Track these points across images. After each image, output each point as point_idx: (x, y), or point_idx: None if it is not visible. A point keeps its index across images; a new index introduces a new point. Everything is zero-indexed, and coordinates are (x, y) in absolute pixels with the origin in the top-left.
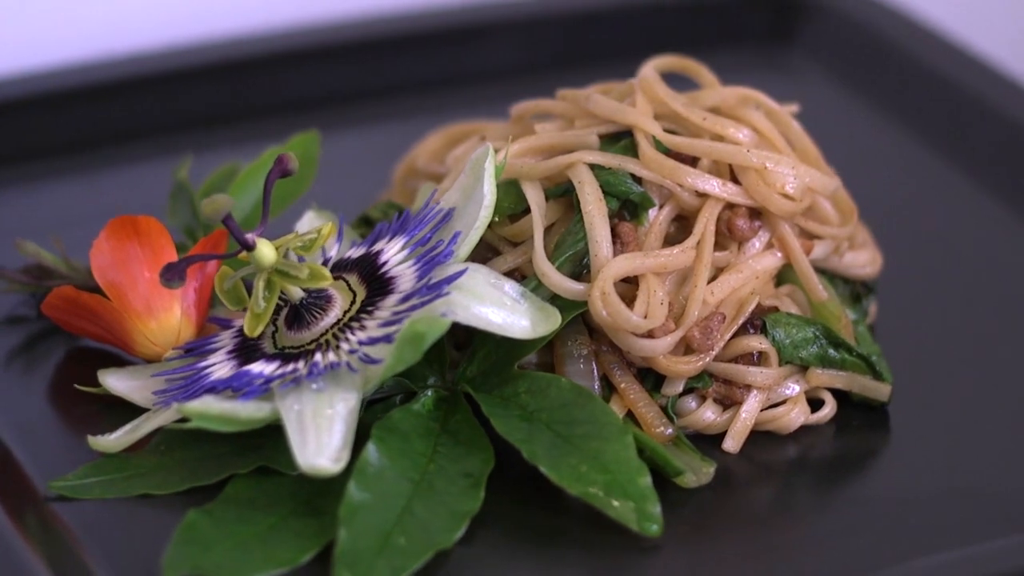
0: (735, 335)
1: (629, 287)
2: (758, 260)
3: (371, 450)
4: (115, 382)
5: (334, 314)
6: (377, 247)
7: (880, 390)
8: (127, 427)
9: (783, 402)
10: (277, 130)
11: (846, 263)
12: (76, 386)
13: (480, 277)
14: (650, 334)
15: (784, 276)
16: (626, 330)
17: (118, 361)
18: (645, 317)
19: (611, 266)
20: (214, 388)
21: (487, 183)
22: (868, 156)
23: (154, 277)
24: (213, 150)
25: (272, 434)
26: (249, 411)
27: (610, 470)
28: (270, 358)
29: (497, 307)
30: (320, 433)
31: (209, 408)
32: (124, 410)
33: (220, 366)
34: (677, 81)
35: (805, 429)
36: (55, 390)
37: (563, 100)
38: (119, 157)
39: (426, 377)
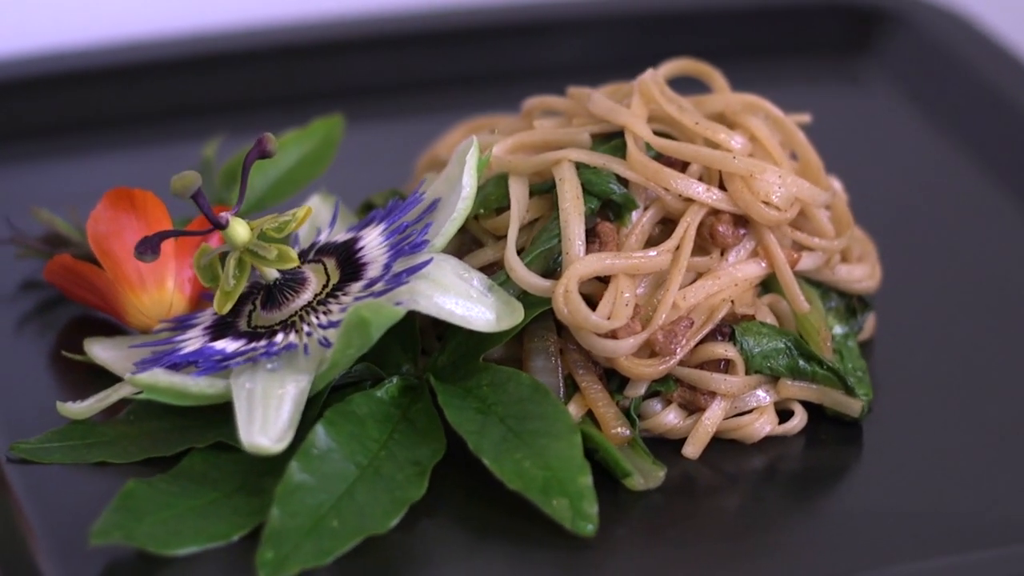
0: (703, 341)
1: (605, 287)
2: (739, 268)
3: (319, 432)
4: (100, 351)
5: (305, 296)
6: (361, 233)
7: (851, 406)
8: (98, 396)
9: (751, 411)
10: (311, 117)
11: (841, 276)
12: (63, 352)
13: (448, 268)
14: (613, 335)
15: (771, 285)
16: (587, 329)
17: (117, 331)
18: (609, 318)
19: (579, 264)
20: (177, 363)
21: (467, 175)
22: (922, 172)
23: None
24: (246, 133)
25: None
26: (201, 387)
27: (552, 467)
28: (238, 336)
29: (463, 299)
30: (267, 412)
31: (158, 380)
32: (111, 379)
33: (193, 341)
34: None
35: (774, 440)
36: (53, 356)
37: (571, 98)
38: (153, 136)
39: (399, 364)
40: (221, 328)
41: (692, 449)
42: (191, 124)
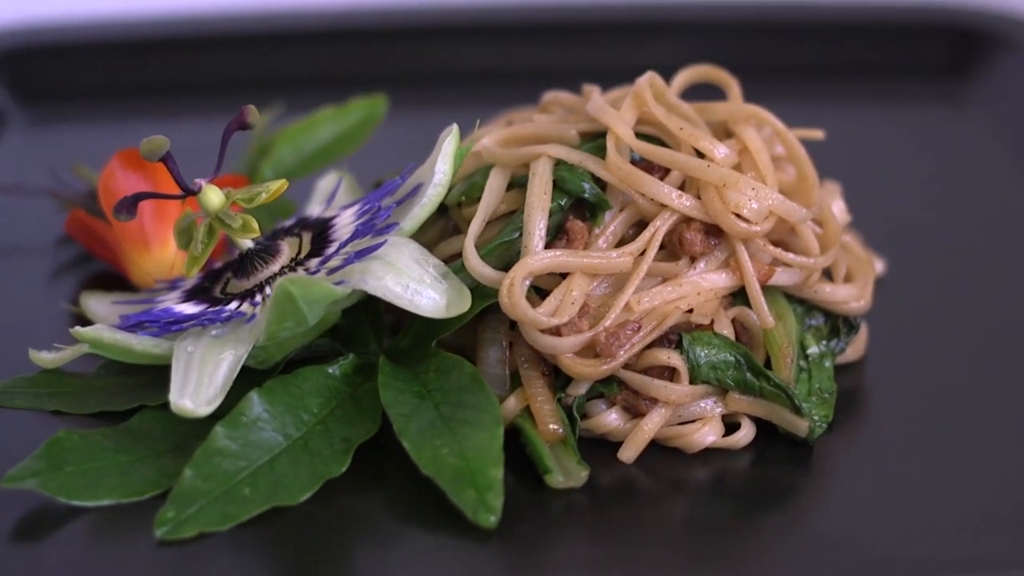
0: (651, 346)
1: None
2: (705, 277)
3: (253, 400)
4: (94, 305)
5: (273, 268)
6: (340, 212)
7: (798, 425)
8: (70, 348)
9: (696, 420)
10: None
11: (824, 295)
12: (62, 304)
13: (405, 252)
14: (558, 332)
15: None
16: (527, 323)
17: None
18: (554, 314)
19: (530, 259)
20: (142, 322)
21: (441, 161)
22: (1005, 198)
23: (153, 210)
24: (301, 109)
25: None
26: (145, 346)
27: (467, 457)
28: (204, 301)
29: (415, 283)
30: (201, 377)
31: (102, 336)
32: None
33: (167, 302)
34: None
35: (721, 454)
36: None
37: (584, 96)
38: (211, 105)
39: (367, 344)
40: (196, 292)
41: (628, 453)
42: (251, 95)
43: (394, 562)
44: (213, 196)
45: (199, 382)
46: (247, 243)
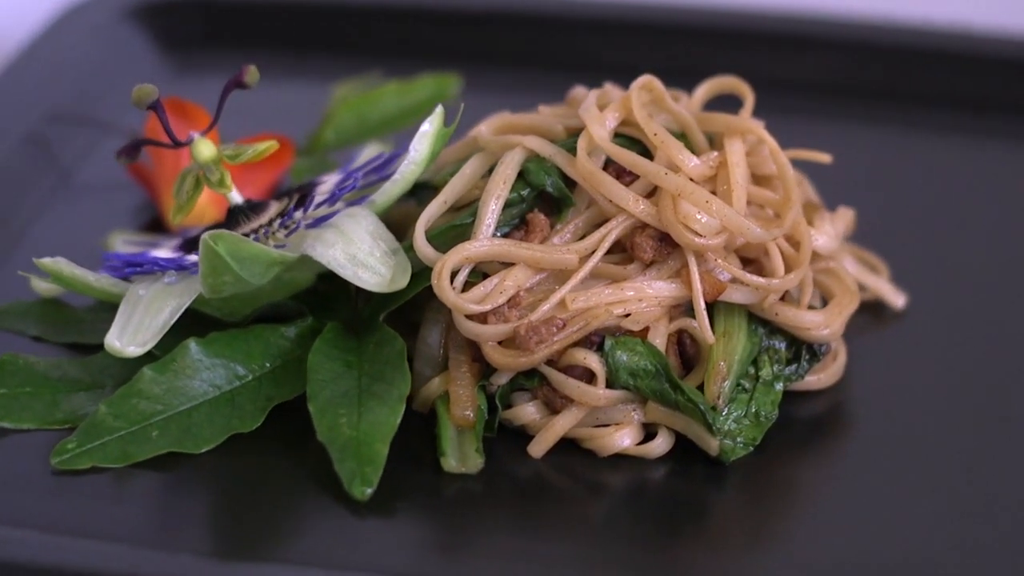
0: (575, 345)
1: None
2: (651, 284)
3: (190, 348)
4: (120, 244)
5: (253, 224)
6: (326, 178)
7: (709, 443)
8: None
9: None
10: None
11: (787, 318)
12: (96, 242)
13: (362, 224)
14: (484, 319)
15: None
16: (450, 306)
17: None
18: (482, 302)
19: (470, 244)
20: (109, 261)
21: (417, 140)
22: None
23: (188, 159)
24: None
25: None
26: (102, 284)
27: (360, 429)
28: (179, 249)
29: (364, 255)
30: (143, 320)
31: (62, 268)
32: None
33: (161, 249)
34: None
35: (639, 462)
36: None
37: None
38: (350, 67)
39: (339, 310)
40: (190, 243)
41: (536, 448)
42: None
43: (268, 526)
44: (204, 148)
45: (139, 325)
46: (236, 198)
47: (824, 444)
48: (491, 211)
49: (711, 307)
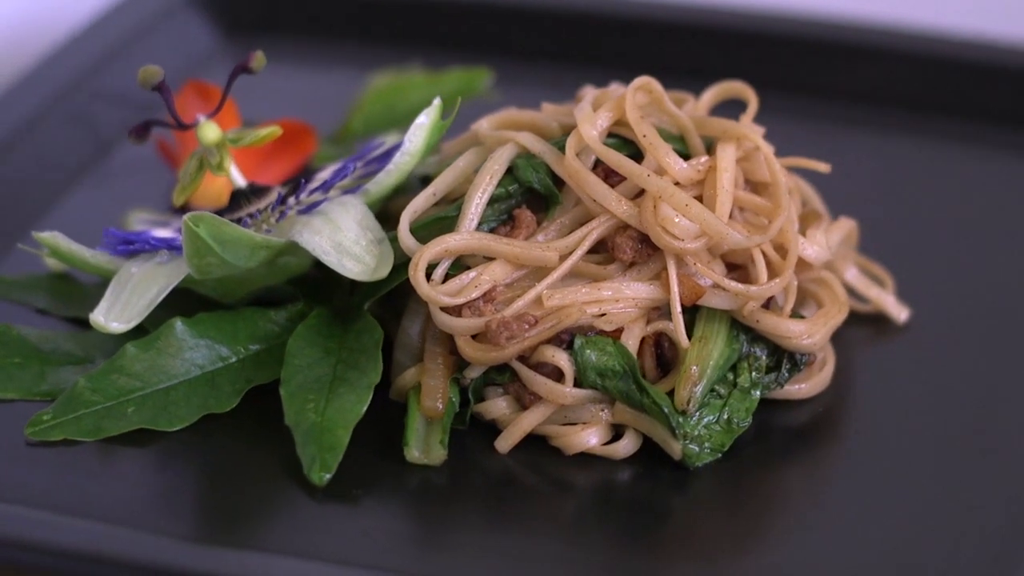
0: (547, 343)
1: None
2: (630, 285)
3: (176, 328)
4: (136, 222)
5: (250, 209)
6: (328, 166)
7: (672, 447)
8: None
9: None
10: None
11: (768, 326)
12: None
13: (351, 213)
14: (459, 312)
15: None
16: (424, 297)
17: None
18: (457, 295)
19: (450, 237)
20: (115, 240)
21: (411, 131)
22: None
23: None
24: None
25: None
26: (98, 260)
27: (325, 415)
28: (178, 229)
29: (351, 244)
30: (131, 298)
31: (59, 242)
32: None
33: (165, 228)
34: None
35: (607, 462)
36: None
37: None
38: (402, 55)
39: (332, 296)
40: None
41: (503, 443)
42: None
43: (231, 509)
44: (210, 130)
45: (127, 302)
46: (239, 181)
47: (800, 454)
48: (475, 205)
49: (694, 311)
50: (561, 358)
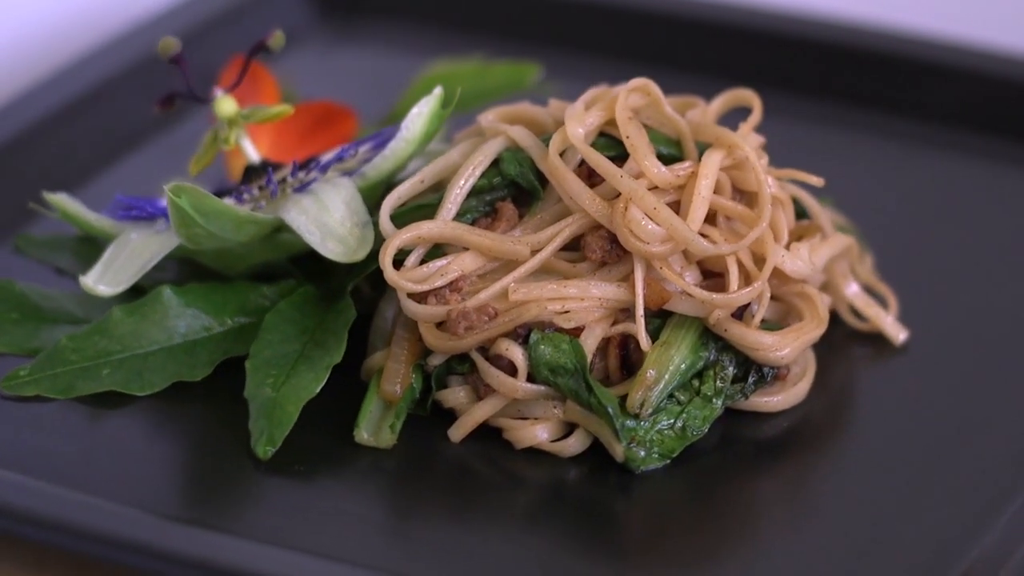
0: (504, 336)
1: None
2: (597, 285)
3: (164, 294)
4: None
5: (259, 183)
6: (333, 147)
7: (614, 449)
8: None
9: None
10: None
11: (735, 336)
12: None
13: (341, 195)
14: (424, 299)
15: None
16: (390, 283)
17: None
18: (423, 282)
19: (424, 224)
20: (121, 205)
21: (409, 118)
22: None
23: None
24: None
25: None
26: (101, 224)
27: (280, 391)
28: None
29: (336, 224)
30: (125, 263)
31: (66, 204)
32: None
33: None
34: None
35: (556, 460)
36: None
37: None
38: (487, 42)
39: (329, 275)
40: None
41: (455, 432)
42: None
43: (182, 481)
44: (226, 105)
45: (120, 267)
46: (253, 156)
47: (761, 466)
48: (455, 194)
49: (667, 316)
50: (515, 352)
